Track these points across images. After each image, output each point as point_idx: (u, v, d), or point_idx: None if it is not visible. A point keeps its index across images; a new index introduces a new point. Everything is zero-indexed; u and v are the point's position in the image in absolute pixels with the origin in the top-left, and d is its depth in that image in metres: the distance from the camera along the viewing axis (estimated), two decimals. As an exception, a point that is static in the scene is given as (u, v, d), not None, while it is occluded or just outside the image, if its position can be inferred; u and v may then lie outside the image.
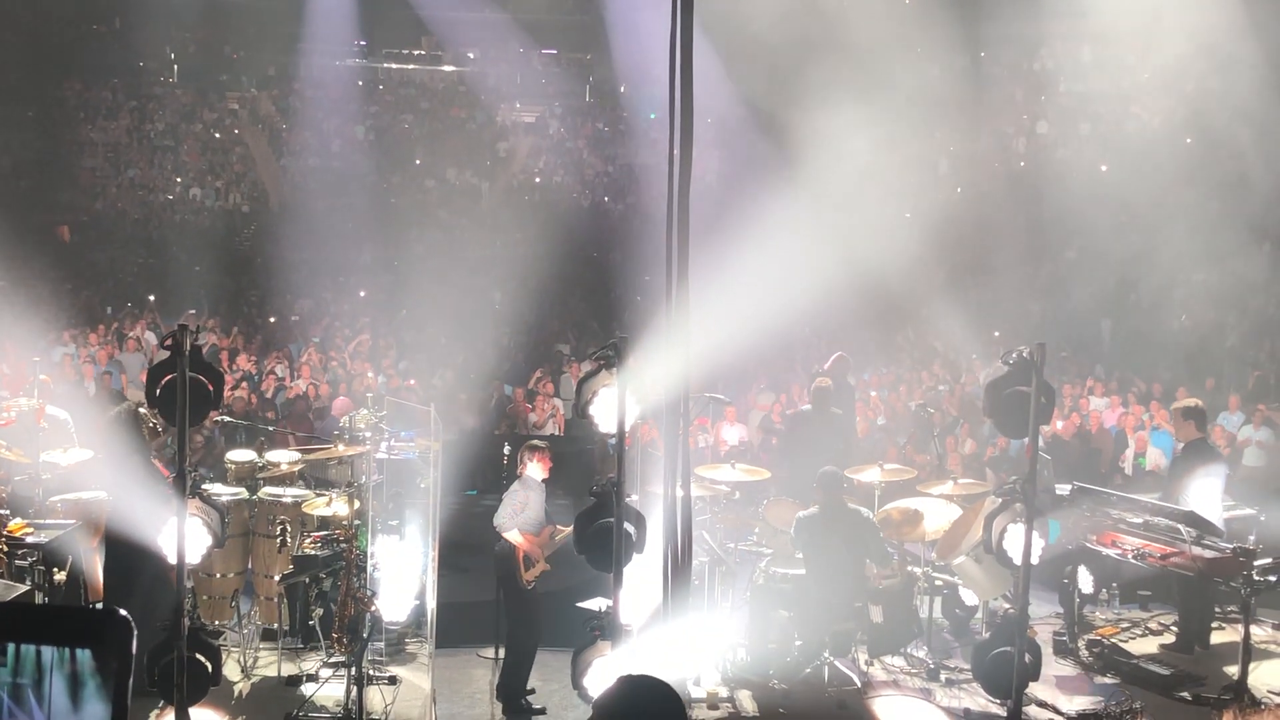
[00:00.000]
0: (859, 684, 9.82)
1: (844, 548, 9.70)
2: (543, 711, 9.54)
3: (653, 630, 7.72)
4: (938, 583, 10.65)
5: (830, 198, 19.28)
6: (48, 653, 1.92)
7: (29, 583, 9.36)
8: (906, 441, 15.25)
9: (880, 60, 22.32)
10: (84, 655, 1.95)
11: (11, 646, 1.89)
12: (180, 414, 6.85)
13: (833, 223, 18.73)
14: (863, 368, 20.96)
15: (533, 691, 9.67)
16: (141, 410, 8.48)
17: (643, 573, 7.57)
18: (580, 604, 9.40)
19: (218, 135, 33.28)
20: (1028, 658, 8.19)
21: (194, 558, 7.42)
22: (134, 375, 18.02)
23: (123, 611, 2.35)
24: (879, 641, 10.36)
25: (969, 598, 10.89)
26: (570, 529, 9.52)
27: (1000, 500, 8.18)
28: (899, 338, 22.79)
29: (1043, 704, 9.47)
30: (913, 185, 25.11)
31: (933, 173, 26.84)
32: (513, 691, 9.51)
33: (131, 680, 2.21)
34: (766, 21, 21.44)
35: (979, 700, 9.50)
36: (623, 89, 33.41)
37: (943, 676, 10.10)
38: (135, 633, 2.19)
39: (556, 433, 17.06)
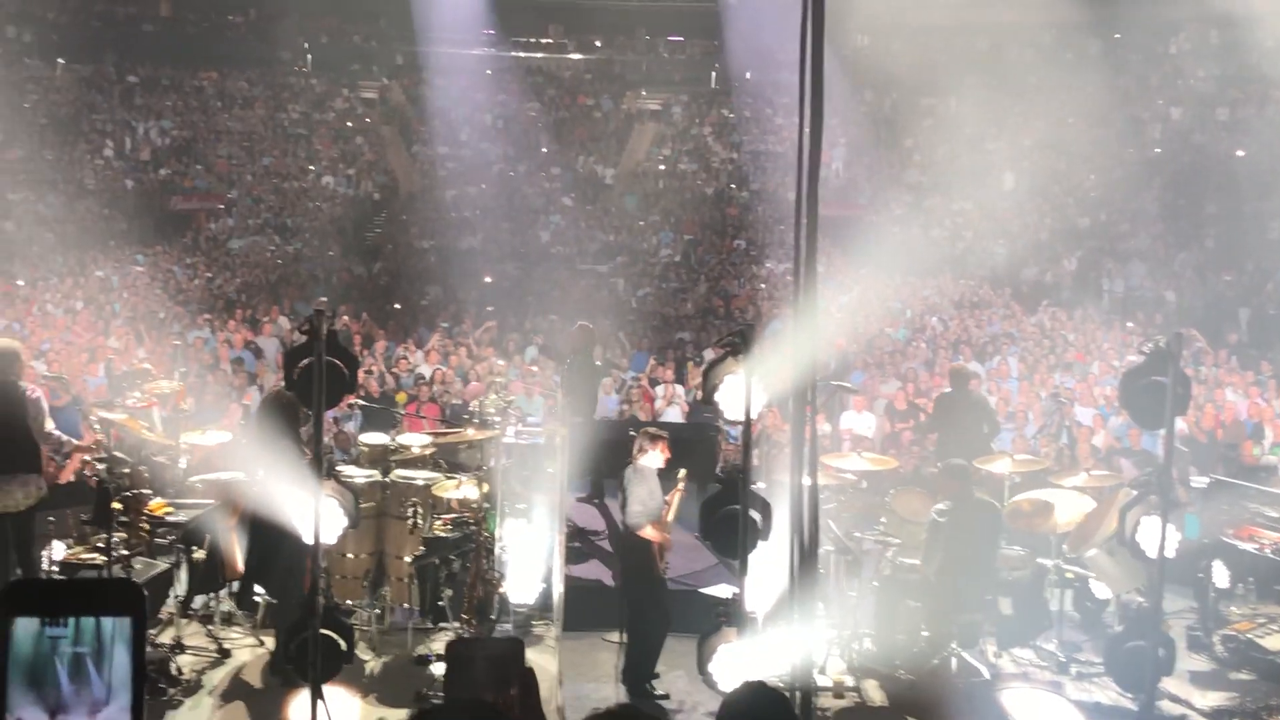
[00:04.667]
0: (987, 676, 9.70)
1: (974, 539, 9.61)
2: (666, 697, 9.57)
3: (778, 618, 7.72)
4: (1069, 575, 10.47)
5: (959, 184, 19.07)
6: (108, 623, 1.98)
7: (168, 561, 9.65)
8: (1038, 432, 15.01)
9: (1012, 46, 22.01)
10: (124, 623, 2.01)
11: (73, 619, 1.95)
12: (317, 397, 6.99)
13: (962, 211, 18.53)
14: (993, 356, 20.73)
15: (657, 676, 9.72)
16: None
17: (768, 560, 7.56)
18: (704, 590, 9.42)
19: (349, 124, 33.84)
20: (1161, 652, 8.05)
21: (329, 538, 7.56)
22: (269, 359, 18.44)
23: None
24: (1008, 633, 10.23)
25: (1101, 591, 10.71)
26: (677, 491, 9.59)
27: (1135, 492, 8.04)
28: (1030, 327, 22.46)
29: (1176, 699, 9.28)
30: (1044, 172, 24.73)
31: (1065, 159, 26.36)
32: (638, 677, 9.57)
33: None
34: (895, 9, 21.24)
35: (1110, 694, 9.35)
36: (749, 75, 33.31)
37: (1073, 670, 9.94)
38: (146, 599, 2.24)
39: (678, 419, 17.07)
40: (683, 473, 9.74)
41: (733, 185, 32.10)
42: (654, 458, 9.57)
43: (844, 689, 9.50)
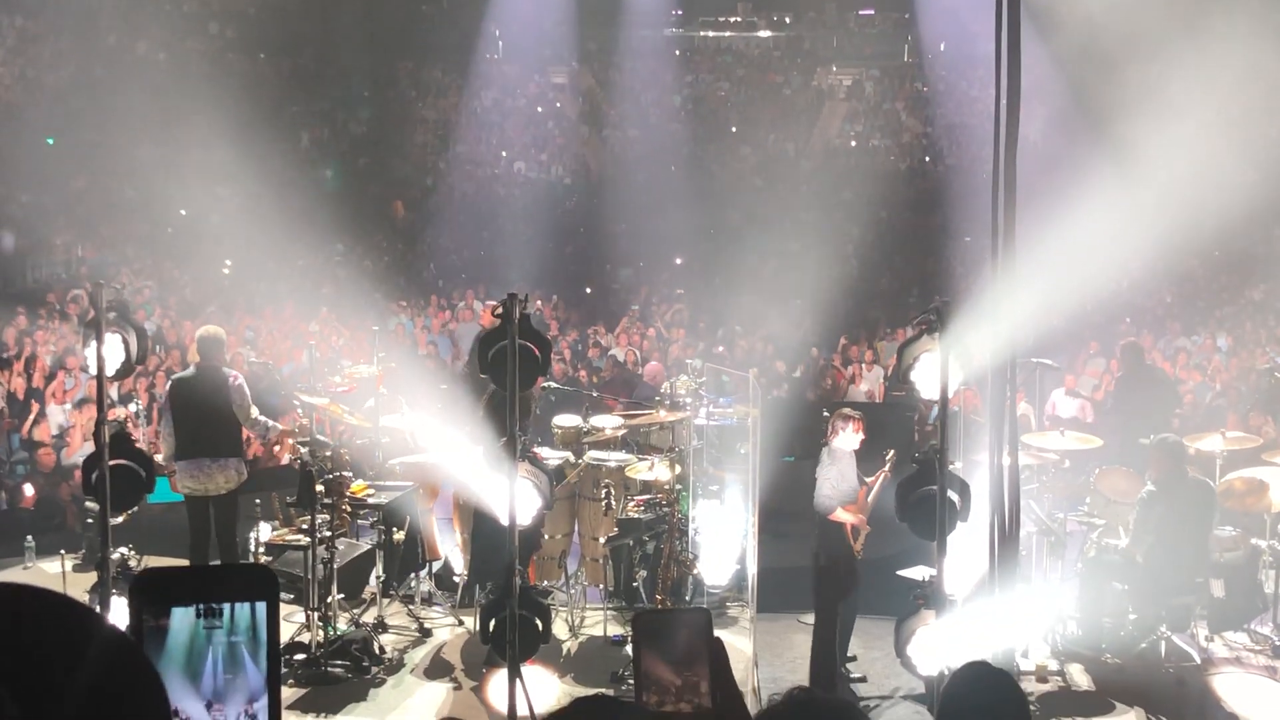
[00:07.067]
0: (1198, 660, 9.38)
1: (1185, 519, 9.27)
2: (864, 679, 9.46)
3: (978, 601, 7.54)
4: (1285, 557, 10.05)
5: (1164, 154, 18.36)
6: (261, 608, 1.95)
7: (370, 542, 9.89)
8: (1252, 408, 14.37)
9: (1219, 8, 21.11)
10: (262, 607, 1.99)
11: (228, 606, 1.92)
12: (510, 379, 7.05)
13: (1168, 180, 17.84)
14: (1200, 330, 20.03)
15: (854, 659, 9.62)
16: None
17: (967, 542, 7.40)
18: (901, 572, 9.27)
19: (540, 110, 34.18)
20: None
21: (525, 520, 7.64)
22: (466, 344, 18.76)
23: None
24: (1220, 617, 9.87)
25: (1319, 573, 10.25)
26: (878, 478, 9.38)
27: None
28: (1242, 299, 21.58)
29: (1403, 687, 8.84)
30: (1254, 140, 23.68)
31: (1276, 126, 25.20)
32: (833, 659, 9.45)
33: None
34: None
35: (1330, 681, 8.95)
36: (942, 47, 32.68)
37: (1290, 655, 9.56)
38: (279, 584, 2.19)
39: (875, 398, 16.87)
40: (891, 453, 9.48)
41: (927, 159, 31.58)
42: (848, 439, 9.33)
43: (1048, 673, 9.28)
